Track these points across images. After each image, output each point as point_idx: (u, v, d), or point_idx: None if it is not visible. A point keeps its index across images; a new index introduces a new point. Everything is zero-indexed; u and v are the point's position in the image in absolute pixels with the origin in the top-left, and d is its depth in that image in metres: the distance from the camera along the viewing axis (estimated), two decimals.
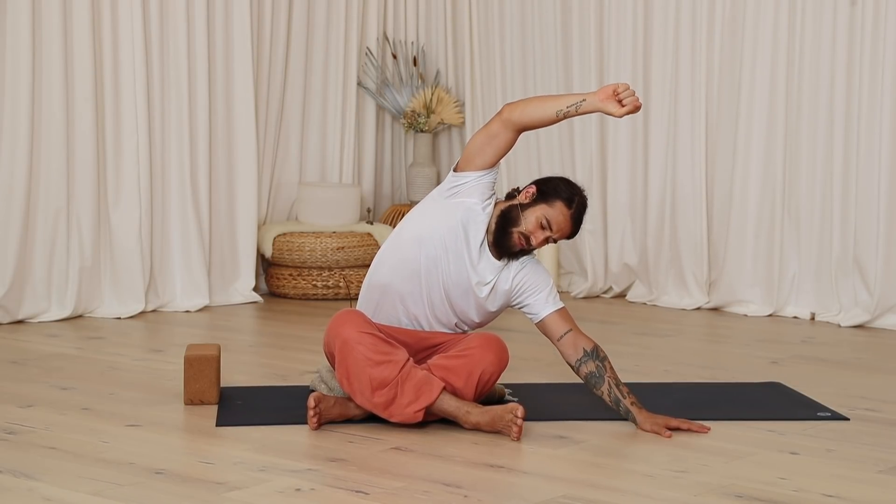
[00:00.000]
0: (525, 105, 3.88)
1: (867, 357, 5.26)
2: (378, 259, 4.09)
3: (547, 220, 3.93)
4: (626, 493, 3.32)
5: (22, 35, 5.58)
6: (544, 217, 3.93)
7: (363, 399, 3.87)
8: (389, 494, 3.27)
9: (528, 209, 3.96)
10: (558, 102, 3.84)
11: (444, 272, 3.99)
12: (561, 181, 4.04)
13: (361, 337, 3.86)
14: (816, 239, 6.09)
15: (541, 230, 3.94)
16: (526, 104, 3.88)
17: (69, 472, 3.42)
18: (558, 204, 3.95)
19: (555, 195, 3.96)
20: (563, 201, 3.95)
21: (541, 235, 3.94)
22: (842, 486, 3.39)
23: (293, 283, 6.51)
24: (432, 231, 3.99)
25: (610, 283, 6.71)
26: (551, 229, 3.94)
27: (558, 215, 3.94)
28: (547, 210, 3.94)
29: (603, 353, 4.00)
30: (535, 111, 3.86)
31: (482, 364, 3.92)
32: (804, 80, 6.02)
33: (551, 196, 3.96)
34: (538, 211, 3.95)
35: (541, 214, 3.94)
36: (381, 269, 4.06)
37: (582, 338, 4.00)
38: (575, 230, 4.00)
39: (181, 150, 6.14)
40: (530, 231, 3.94)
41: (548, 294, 4.03)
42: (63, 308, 5.79)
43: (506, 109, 3.89)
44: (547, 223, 3.93)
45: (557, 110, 3.83)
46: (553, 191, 3.97)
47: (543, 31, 6.83)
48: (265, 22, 6.48)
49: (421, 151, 7.06)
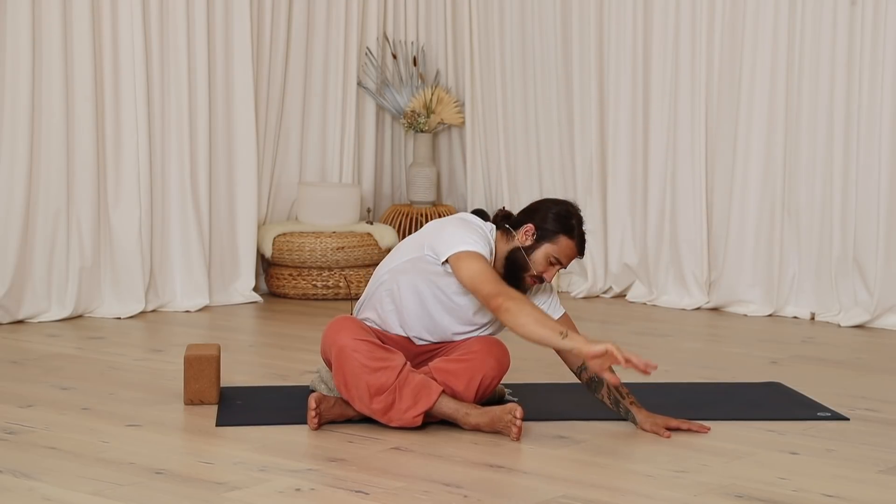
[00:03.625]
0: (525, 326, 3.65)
1: (867, 357, 5.26)
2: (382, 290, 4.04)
3: (555, 258, 3.91)
4: (626, 493, 3.32)
5: (22, 35, 5.58)
6: (552, 256, 3.91)
7: (362, 405, 3.87)
8: (389, 494, 3.27)
9: (532, 251, 3.91)
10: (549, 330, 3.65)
11: (449, 322, 4.00)
12: (552, 209, 3.95)
13: (357, 344, 3.86)
14: (816, 239, 6.09)
15: (552, 266, 3.92)
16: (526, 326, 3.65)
17: (69, 472, 3.42)
18: (562, 239, 3.91)
19: (555, 231, 3.91)
20: (565, 236, 3.91)
21: (553, 271, 3.93)
22: (842, 486, 3.39)
23: (293, 283, 6.51)
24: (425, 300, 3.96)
25: (610, 283, 6.71)
26: (561, 263, 3.93)
27: (565, 249, 3.92)
28: (552, 248, 3.90)
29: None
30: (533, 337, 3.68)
31: (483, 369, 3.92)
32: (804, 80, 6.02)
33: (552, 233, 3.91)
34: (543, 251, 3.91)
35: (548, 254, 3.90)
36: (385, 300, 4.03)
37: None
38: (583, 252, 3.98)
39: (181, 151, 6.14)
40: (542, 270, 3.92)
41: (550, 302, 4.05)
42: (63, 308, 5.78)
43: (505, 312, 3.67)
44: (556, 260, 3.91)
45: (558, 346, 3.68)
46: (552, 226, 3.91)
47: (543, 31, 6.82)
48: (265, 22, 6.48)
49: (421, 151, 7.06)
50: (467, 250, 3.82)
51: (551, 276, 3.93)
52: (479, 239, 3.87)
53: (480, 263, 3.80)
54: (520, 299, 3.72)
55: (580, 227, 3.94)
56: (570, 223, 3.92)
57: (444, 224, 3.96)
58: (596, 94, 6.60)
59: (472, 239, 3.86)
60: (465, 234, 3.87)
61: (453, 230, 3.89)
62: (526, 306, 3.70)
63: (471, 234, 3.88)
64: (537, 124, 6.90)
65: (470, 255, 3.81)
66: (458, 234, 3.86)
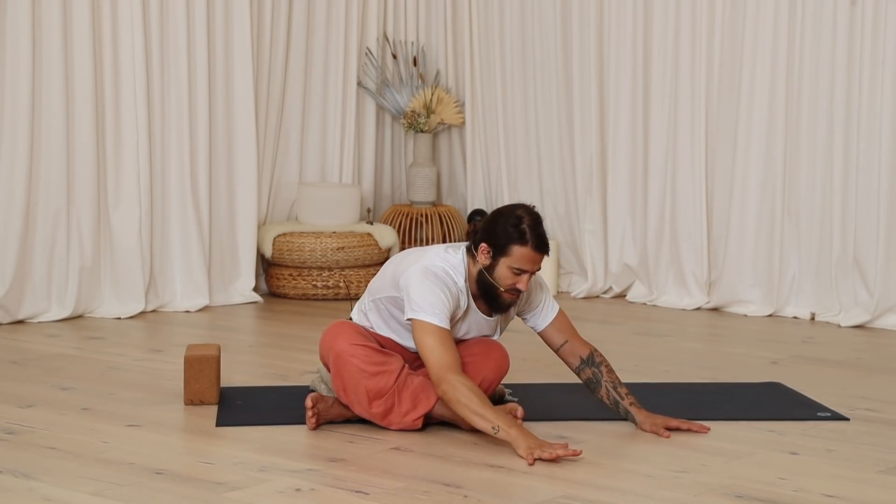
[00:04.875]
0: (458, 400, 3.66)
1: (867, 357, 5.26)
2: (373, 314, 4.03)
3: (517, 268, 3.82)
4: (626, 493, 3.32)
5: (22, 35, 5.58)
6: (513, 268, 3.81)
7: (361, 410, 3.88)
8: (389, 494, 3.27)
9: (494, 269, 3.83)
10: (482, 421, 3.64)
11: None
12: (499, 219, 3.85)
13: (354, 349, 3.86)
14: (816, 239, 6.09)
15: (518, 276, 3.83)
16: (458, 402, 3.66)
17: (69, 472, 3.42)
18: (515, 249, 3.80)
19: (506, 243, 3.81)
20: (517, 245, 3.80)
21: (523, 279, 3.83)
22: (842, 486, 3.39)
23: (293, 283, 6.51)
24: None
25: (610, 284, 6.70)
26: (528, 270, 3.83)
27: (522, 257, 3.81)
28: (509, 261, 3.81)
29: (599, 357, 4.01)
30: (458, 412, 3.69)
31: (483, 372, 3.93)
32: (804, 80, 6.02)
33: (504, 246, 3.81)
34: (503, 266, 3.82)
35: (509, 266, 3.81)
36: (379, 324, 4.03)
37: (579, 345, 4.01)
38: (547, 250, 3.86)
39: (181, 151, 6.14)
40: (511, 283, 3.83)
41: (543, 306, 4.03)
42: (63, 308, 5.78)
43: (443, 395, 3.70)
44: (519, 269, 3.82)
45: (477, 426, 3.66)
46: (503, 239, 3.82)
47: (543, 31, 6.82)
48: (265, 22, 6.48)
49: (421, 151, 7.06)
50: (424, 321, 3.76)
51: (525, 284, 3.84)
52: (442, 300, 3.78)
53: (432, 339, 3.74)
54: (459, 386, 3.66)
55: (534, 228, 3.82)
56: (519, 230, 3.81)
57: (417, 277, 3.82)
58: (596, 95, 6.60)
59: (434, 302, 3.77)
60: (427, 297, 3.77)
61: (418, 291, 3.79)
62: (463, 396, 3.65)
63: (434, 296, 3.78)
64: (537, 124, 6.90)
65: (425, 327, 3.75)
66: (422, 298, 3.78)
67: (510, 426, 3.62)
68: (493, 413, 3.65)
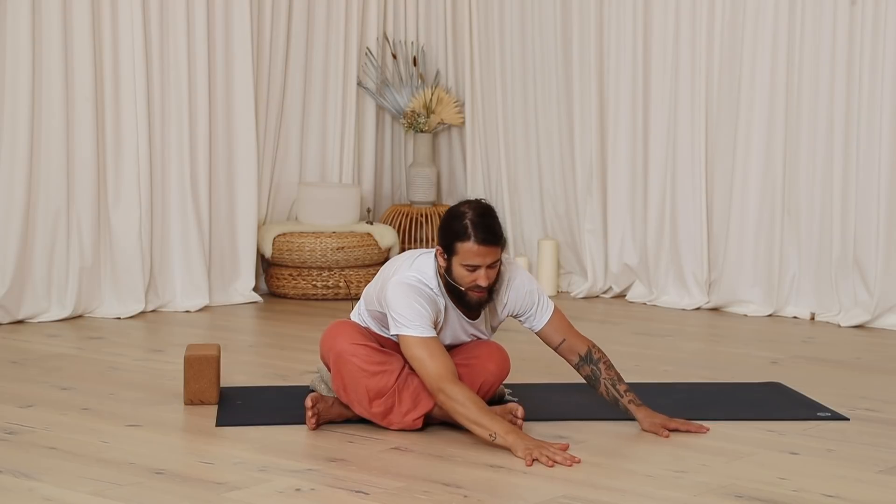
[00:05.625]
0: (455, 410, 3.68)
1: (867, 357, 5.26)
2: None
3: (468, 265, 3.78)
4: (626, 493, 3.32)
5: (22, 35, 5.58)
6: (465, 265, 3.78)
7: (361, 409, 3.88)
8: (389, 494, 3.27)
9: (451, 270, 3.81)
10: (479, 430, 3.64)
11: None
12: (446, 219, 3.84)
13: (355, 349, 3.86)
14: (816, 239, 6.09)
15: (473, 272, 3.79)
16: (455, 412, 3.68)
17: (69, 472, 3.42)
18: (459, 246, 3.77)
19: (451, 242, 3.78)
20: (460, 241, 3.77)
21: (481, 274, 3.78)
22: (842, 486, 3.39)
23: (293, 283, 6.51)
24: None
25: (610, 283, 6.70)
26: (479, 265, 3.78)
27: (468, 253, 3.76)
28: (459, 259, 3.78)
29: (598, 353, 4.00)
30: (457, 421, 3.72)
31: (484, 374, 3.94)
32: (804, 80, 6.02)
33: (451, 245, 3.79)
34: (456, 265, 3.79)
35: (461, 265, 3.78)
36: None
37: (577, 343, 3.99)
38: (494, 241, 3.77)
39: (181, 150, 6.14)
40: (470, 281, 3.79)
41: (537, 308, 3.98)
42: (63, 308, 5.79)
43: (442, 405, 3.73)
44: (472, 266, 3.78)
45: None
46: (447, 239, 3.80)
47: (543, 31, 6.82)
48: (265, 22, 6.48)
49: (421, 151, 7.06)
50: (409, 335, 3.76)
51: (484, 280, 3.79)
52: (420, 311, 3.77)
53: (420, 350, 3.74)
54: (455, 395, 3.67)
55: (478, 222, 3.77)
56: (460, 226, 3.77)
57: (392, 292, 3.81)
58: (596, 95, 6.60)
59: (414, 314, 3.77)
60: (406, 311, 3.77)
61: (397, 306, 3.78)
62: (460, 405, 3.66)
63: (412, 309, 3.77)
64: (537, 124, 6.90)
65: (410, 341, 3.76)
66: (402, 313, 3.77)
67: (508, 432, 3.62)
68: (491, 419, 3.65)
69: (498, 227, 3.81)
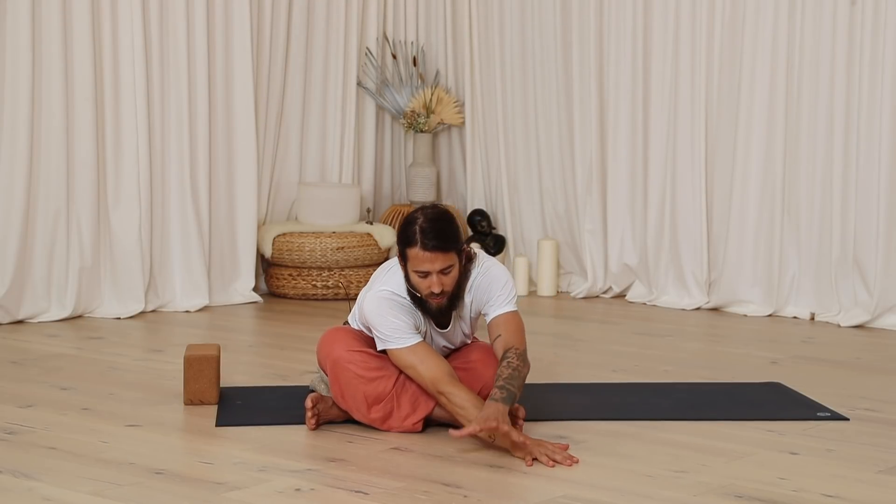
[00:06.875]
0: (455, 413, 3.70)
1: (867, 357, 5.26)
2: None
3: (419, 271, 3.75)
4: (626, 493, 3.32)
5: (22, 35, 5.58)
6: (416, 271, 3.76)
7: (360, 415, 3.88)
8: (389, 494, 3.27)
9: (408, 278, 3.80)
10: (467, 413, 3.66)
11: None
12: (401, 225, 3.80)
13: (351, 355, 3.85)
14: (816, 239, 6.09)
15: (426, 279, 3.75)
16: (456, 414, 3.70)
17: (69, 472, 3.42)
18: (408, 253, 3.75)
19: (402, 250, 3.77)
20: (409, 248, 3.74)
21: (433, 280, 3.74)
22: (842, 486, 3.39)
23: (293, 283, 6.51)
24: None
25: (610, 283, 6.70)
26: (428, 271, 3.74)
27: (416, 259, 3.74)
28: (411, 265, 3.76)
29: (511, 354, 3.81)
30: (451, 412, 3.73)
31: (483, 379, 3.93)
32: (804, 80, 6.02)
33: (403, 252, 3.77)
34: (411, 271, 3.77)
35: (413, 271, 3.77)
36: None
37: (510, 340, 3.85)
38: (442, 247, 3.71)
39: (181, 151, 6.14)
40: (425, 287, 3.76)
41: (495, 303, 3.88)
42: (63, 308, 5.79)
43: (441, 398, 3.74)
44: (422, 272, 3.75)
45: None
46: (400, 247, 3.79)
47: (543, 31, 6.82)
48: (265, 22, 6.48)
49: (421, 151, 7.06)
50: (396, 348, 3.78)
51: (437, 286, 3.74)
52: (399, 324, 3.78)
53: (411, 359, 3.76)
54: (454, 396, 3.70)
55: (424, 227, 3.71)
56: (409, 232, 3.74)
57: (369, 309, 3.82)
58: (596, 94, 6.60)
59: (394, 328, 3.77)
60: (386, 326, 3.78)
61: (378, 322, 3.79)
62: (459, 407, 3.69)
63: (391, 323, 3.77)
64: (537, 124, 6.90)
65: (399, 354, 3.78)
66: (384, 329, 3.78)
67: (476, 407, 3.63)
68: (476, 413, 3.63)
69: (451, 232, 3.75)
